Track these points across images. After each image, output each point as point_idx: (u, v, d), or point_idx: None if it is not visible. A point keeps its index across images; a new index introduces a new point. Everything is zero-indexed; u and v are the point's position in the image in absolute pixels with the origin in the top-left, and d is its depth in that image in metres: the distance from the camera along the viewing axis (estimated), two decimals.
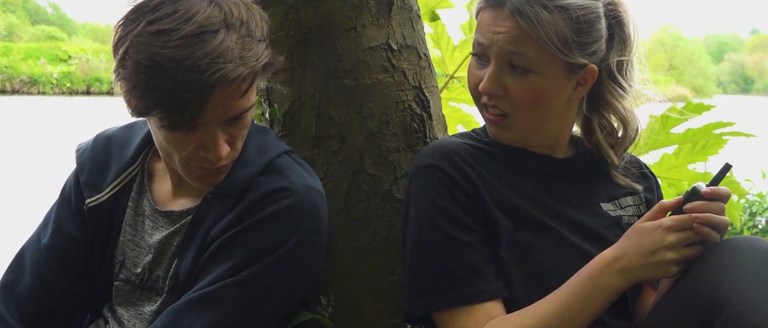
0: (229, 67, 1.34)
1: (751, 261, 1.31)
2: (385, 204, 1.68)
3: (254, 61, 1.38)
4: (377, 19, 1.70)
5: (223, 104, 1.39)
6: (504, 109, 1.54)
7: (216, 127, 1.43)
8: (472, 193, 1.51)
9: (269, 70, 1.46)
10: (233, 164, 1.53)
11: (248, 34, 1.40)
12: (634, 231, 1.43)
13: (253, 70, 1.38)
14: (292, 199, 1.49)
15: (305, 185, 1.53)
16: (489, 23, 1.51)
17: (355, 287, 1.68)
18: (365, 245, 1.68)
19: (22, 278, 1.66)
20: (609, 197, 1.65)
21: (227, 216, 1.50)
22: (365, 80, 1.68)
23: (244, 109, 1.44)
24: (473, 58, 1.58)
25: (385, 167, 1.69)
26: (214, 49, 1.33)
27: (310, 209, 1.51)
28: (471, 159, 1.55)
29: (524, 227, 1.52)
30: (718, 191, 1.40)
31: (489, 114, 1.57)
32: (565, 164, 1.65)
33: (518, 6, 1.47)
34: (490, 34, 1.50)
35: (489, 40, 1.50)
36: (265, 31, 1.46)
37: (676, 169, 2.28)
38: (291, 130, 1.72)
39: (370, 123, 1.68)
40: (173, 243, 1.57)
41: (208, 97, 1.35)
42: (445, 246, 1.49)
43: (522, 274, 1.50)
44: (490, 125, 1.59)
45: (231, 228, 1.49)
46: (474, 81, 1.56)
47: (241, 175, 1.53)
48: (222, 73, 1.33)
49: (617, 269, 1.41)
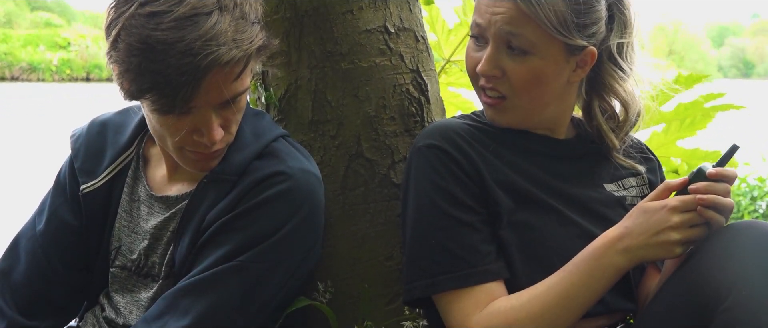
0: (222, 49, 1.32)
1: (755, 246, 1.29)
2: (383, 189, 1.67)
3: (248, 43, 1.37)
4: (374, 2, 1.68)
5: (216, 88, 1.37)
6: (502, 91, 1.53)
7: (210, 111, 1.41)
8: (472, 172, 1.50)
9: (264, 53, 1.44)
10: (229, 148, 1.52)
11: (242, 16, 1.38)
12: (638, 210, 1.41)
13: (246, 53, 1.36)
14: (288, 183, 1.47)
15: (302, 168, 1.51)
16: (487, 4, 1.49)
17: (353, 273, 1.67)
18: (363, 230, 1.66)
19: (17, 266, 1.65)
20: (612, 177, 1.63)
21: (223, 201, 1.49)
22: (362, 63, 1.67)
23: (238, 93, 1.42)
24: (471, 39, 1.56)
25: (383, 151, 1.67)
26: (206, 31, 1.31)
27: (307, 193, 1.50)
28: (471, 139, 1.53)
29: (525, 207, 1.51)
30: (723, 173, 1.38)
31: (486, 97, 1.55)
32: (567, 144, 1.64)
33: None
34: (489, 15, 1.48)
35: (487, 20, 1.49)
36: (260, 14, 1.44)
37: (665, 146, 2.26)
38: (287, 114, 1.70)
39: (367, 107, 1.67)
40: (169, 229, 1.56)
41: (201, 80, 1.33)
42: (445, 227, 1.47)
43: (523, 254, 1.49)
44: (488, 108, 1.58)
45: (227, 213, 1.48)
46: (472, 63, 1.55)
47: (236, 159, 1.51)
48: (215, 56, 1.31)
49: (621, 248, 1.39)
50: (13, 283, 1.64)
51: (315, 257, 1.58)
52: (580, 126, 1.70)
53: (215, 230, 1.48)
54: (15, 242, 1.69)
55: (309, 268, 1.57)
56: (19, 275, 1.64)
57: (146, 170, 1.64)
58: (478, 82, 1.55)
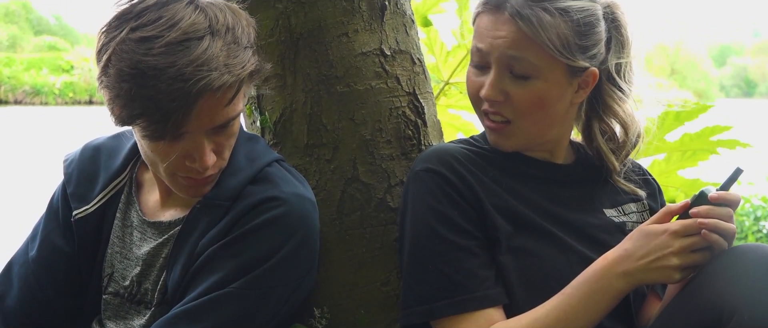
0: (213, 75, 1.31)
1: (759, 269, 1.28)
2: (379, 213, 1.64)
3: (240, 68, 1.35)
4: (370, 24, 1.67)
5: (208, 113, 1.36)
6: (506, 116, 1.52)
7: (202, 136, 1.40)
8: (470, 197, 1.48)
9: (256, 78, 1.44)
10: (222, 173, 1.50)
11: (234, 40, 1.36)
12: (639, 233, 1.39)
13: (238, 78, 1.35)
14: (282, 208, 1.45)
15: (296, 193, 1.49)
16: (488, 28, 1.48)
17: (349, 299, 1.64)
18: (359, 255, 1.64)
19: (9, 291, 1.63)
20: (612, 202, 1.62)
21: (216, 226, 1.47)
22: (358, 87, 1.65)
23: (231, 118, 1.41)
24: (471, 66, 1.55)
25: (379, 175, 1.65)
26: (198, 56, 1.30)
27: (301, 218, 1.48)
28: (469, 164, 1.52)
29: (524, 232, 1.49)
30: (726, 196, 1.36)
31: (490, 122, 1.54)
32: (566, 169, 1.63)
33: (518, 9, 1.44)
34: (490, 40, 1.47)
35: (489, 45, 1.48)
36: (252, 38, 1.43)
37: (665, 175, 2.25)
38: (282, 138, 1.68)
39: (363, 130, 1.65)
40: (161, 255, 1.54)
41: (193, 105, 1.32)
42: (443, 252, 1.46)
43: (522, 279, 1.47)
44: (491, 133, 1.56)
45: (220, 239, 1.46)
46: (474, 88, 1.53)
47: (230, 184, 1.50)
48: (206, 81, 1.30)
49: (620, 271, 1.38)
50: (6, 309, 1.62)
51: (310, 283, 1.55)
52: (579, 150, 1.69)
53: (208, 257, 1.46)
54: (8, 267, 1.67)
55: (304, 293, 1.55)
56: (12, 300, 1.62)
57: (139, 196, 1.62)
58: (481, 107, 1.54)
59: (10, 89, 27.88)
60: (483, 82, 1.50)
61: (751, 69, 65.29)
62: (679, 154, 2.26)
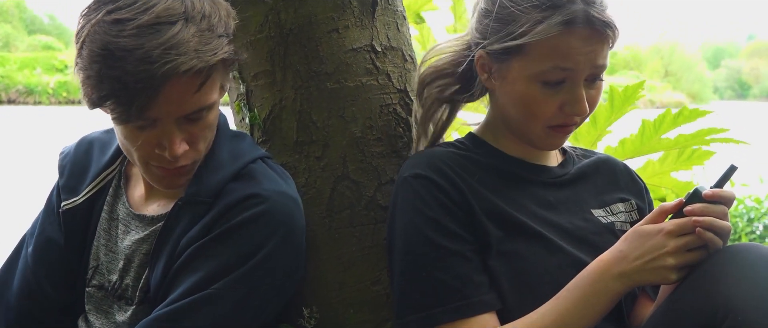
0: (181, 59, 1.29)
1: (753, 268, 1.26)
2: (369, 211, 1.62)
3: (210, 55, 1.34)
4: (360, 20, 1.65)
5: (176, 99, 1.34)
6: (579, 122, 1.52)
7: (171, 124, 1.38)
8: (461, 202, 1.46)
9: (230, 67, 1.43)
10: (205, 169, 1.49)
11: (209, 28, 1.35)
12: (633, 234, 1.37)
13: (207, 63, 1.33)
14: (263, 206, 1.43)
15: (278, 191, 1.47)
16: (580, 46, 1.43)
17: (339, 298, 1.62)
18: (349, 254, 1.62)
19: (10, 285, 1.63)
20: (599, 203, 1.60)
21: (198, 224, 1.45)
22: (348, 83, 1.63)
23: (202, 107, 1.39)
24: (539, 86, 1.47)
25: (369, 172, 1.63)
26: (167, 40, 1.29)
27: (284, 216, 1.46)
28: (458, 167, 1.50)
29: (514, 236, 1.47)
30: (720, 194, 1.34)
31: (562, 132, 1.52)
32: (554, 171, 1.61)
33: (607, 21, 1.43)
34: (581, 57, 1.43)
35: (579, 62, 1.43)
36: (231, 29, 1.41)
37: (659, 176, 2.26)
38: (272, 135, 1.66)
39: (354, 127, 1.63)
40: (142, 250, 1.52)
41: (158, 89, 1.30)
42: (435, 258, 1.43)
43: (513, 283, 1.45)
44: (558, 139, 1.54)
45: (201, 237, 1.44)
46: (549, 107, 1.47)
47: (212, 181, 1.48)
48: (173, 64, 1.29)
49: (616, 273, 1.36)
50: (5, 303, 1.62)
51: (295, 282, 1.53)
52: (566, 151, 1.68)
53: (189, 255, 1.44)
54: (8, 263, 1.67)
55: (290, 293, 1.53)
56: (11, 295, 1.62)
57: (127, 188, 1.61)
58: (553, 122, 1.50)
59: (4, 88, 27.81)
60: (562, 100, 1.46)
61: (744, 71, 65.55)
62: (674, 156, 2.27)
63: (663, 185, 2.28)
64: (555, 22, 1.41)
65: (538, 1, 1.43)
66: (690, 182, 2.29)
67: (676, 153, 2.26)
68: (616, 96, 2.21)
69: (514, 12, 1.45)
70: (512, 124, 1.55)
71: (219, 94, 1.44)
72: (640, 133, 2.25)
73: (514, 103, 1.50)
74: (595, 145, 2.26)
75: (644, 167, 2.28)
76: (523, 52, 1.45)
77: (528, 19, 1.43)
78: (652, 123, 2.24)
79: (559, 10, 1.42)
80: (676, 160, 2.27)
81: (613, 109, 2.22)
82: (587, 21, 1.41)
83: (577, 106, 1.46)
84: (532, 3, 1.44)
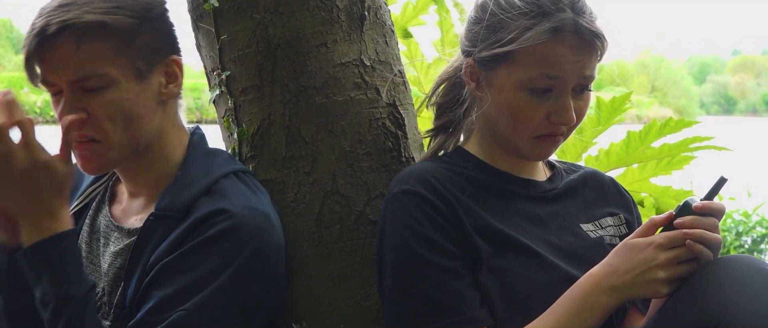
0: (51, 17, 1.40)
1: (745, 279, 1.26)
2: (359, 226, 1.62)
3: (85, 12, 1.42)
4: (349, 35, 1.65)
5: (58, 61, 1.43)
6: (566, 132, 1.52)
7: (68, 91, 1.45)
8: (451, 217, 1.45)
9: (102, 34, 1.43)
10: (175, 185, 1.50)
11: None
12: (624, 248, 1.38)
13: (79, 19, 1.40)
14: (230, 221, 1.43)
15: (247, 206, 1.47)
16: (569, 54, 1.44)
17: (329, 314, 1.61)
18: (339, 269, 1.61)
19: None
20: (588, 217, 1.60)
21: (168, 238, 1.45)
22: (337, 98, 1.63)
23: (86, 73, 1.43)
24: (526, 93, 1.47)
25: (359, 187, 1.62)
26: (59, 4, 1.42)
27: (252, 231, 1.44)
28: (448, 183, 1.49)
29: (504, 252, 1.46)
30: (710, 206, 1.34)
31: (552, 141, 1.52)
32: (542, 185, 1.61)
33: (595, 31, 1.44)
34: (569, 65, 1.44)
35: (567, 71, 1.44)
36: (138, 9, 1.47)
37: (638, 182, 2.27)
38: (260, 150, 1.65)
39: (343, 142, 1.62)
40: (116, 264, 1.52)
41: (40, 51, 1.42)
42: (426, 274, 1.42)
43: (504, 299, 1.44)
44: (546, 148, 1.53)
45: (171, 252, 1.44)
46: (536, 115, 1.47)
47: (183, 196, 1.48)
48: (42, 24, 1.40)
49: (607, 287, 1.36)
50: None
51: (275, 299, 1.52)
52: (553, 166, 1.68)
53: (159, 271, 1.43)
54: None
55: (268, 311, 1.52)
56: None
57: (111, 203, 1.62)
58: (541, 131, 1.50)
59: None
60: (549, 108, 1.46)
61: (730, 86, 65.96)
62: (654, 163, 2.27)
63: (642, 191, 2.28)
64: (543, 30, 1.42)
65: (528, 9, 1.44)
66: (669, 187, 2.30)
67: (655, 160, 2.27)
68: (603, 108, 2.22)
69: (504, 19, 1.46)
70: (500, 135, 1.55)
71: (120, 71, 1.45)
72: (625, 143, 2.26)
73: (501, 111, 1.50)
74: (581, 158, 2.26)
75: (624, 174, 2.28)
76: (511, 59, 1.46)
77: (517, 26, 1.44)
78: (637, 134, 2.25)
79: (548, 17, 1.42)
80: (656, 166, 2.28)
81: (600, 121, 2.23)
82: (576, 30, 1.42)
83: (564, 115, 1.46)
84: (522, 10, 1.44)
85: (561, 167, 1.70)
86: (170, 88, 1.53)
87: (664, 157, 2.25)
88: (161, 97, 1.52)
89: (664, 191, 2.28)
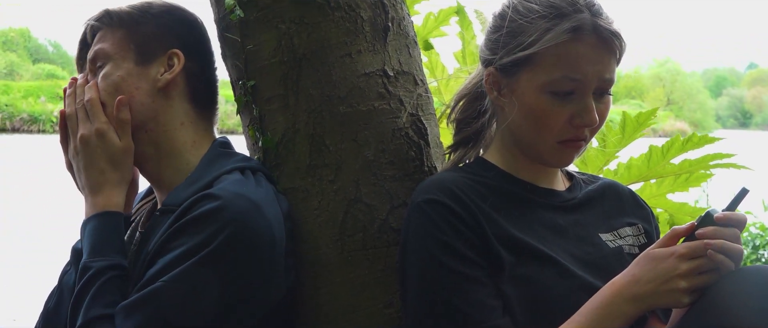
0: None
1: (765, 290, 1.27)
2: (382, 234, 1.63)
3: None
4: (373, 45, 1.67)
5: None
6: (588, 137, 1.54)
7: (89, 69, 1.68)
8: (474, 226, 1.46)
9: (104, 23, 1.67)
10: (184, 182, 1.60)
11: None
12: (645, 258, 1.38)
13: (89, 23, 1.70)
14: (214, 204, 1.46)
15: (236, 192, 1.50)
16: (589, 58, 1.46)
17: (352, 321, 1.63)
18: (361, 276, 1.62)
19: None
20: (607, 227, 1.61)
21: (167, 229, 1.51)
22: (361, 107, 1.65)
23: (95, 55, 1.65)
24: (548, 97, 1.49)
25: (382, 196, 1.64)
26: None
27: (233, 215, 1.46)
28: (470, 192, 1.50)
29: (526, 261, 1.47)
30: (732, 217, 1.35)
31: (574, 145, 1.53)
32: (562, 195, 1.62)
33: (614, 31, 1.47)
34: (589, 68, 1.46)
35: (587, 74, 1.46)
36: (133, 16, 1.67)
37: (655, 198, 2.27)
38: (284, 158, 1.67)
39: (366, 151, 1.64)
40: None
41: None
42: (449, 283, 1.43)
43: (526, 308, 1.45)
44: (569, 154, 1.55)
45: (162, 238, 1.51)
46: (559, 118, 1.49)
47: (185, 192, 1.55)
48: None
49: (629, 296, 1.36)
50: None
51: (263, 297, 1.52)
52: (572, 176, 1.69)
53: (153, 255, 1.50)
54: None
55: (257, 309, 1.52)
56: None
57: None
58: (564, 135, 1.51)
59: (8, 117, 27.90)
60: (572, 111, 1.48)
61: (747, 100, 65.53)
62: (671, 179, 2.27)
63: (658, 206, 2.29)
64: (563, 30, 1.45)
65: (546, 12, 1.47)
66: (685, 204, 2.30)
67: (673, 176, 2.27)
68: (628, 122, 2.22)
69: (523, 24, 1.48)
70: (523, 141, 1.56)
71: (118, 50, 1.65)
72: (646, 157, 2.26)
73: (524, 116, 1.52)
74: (603, 170, 2.27)
75: (641, 189, 2.28)
76: (533, 62, 1.48)
77: (536, 29, 1.46)
78: (659, 148, 2.25)
79: (567, 18, 1.45)
80: (674, 183, 2.28)
81: (625, 135, 2.23)
82: (594, 29, 1.45)
83: (586, 116, 1.48)
84: (540, 14, 1.47)
85: (580, 177, 1.71)
86: (164, 75, 1.64)
87: (683, 173, 2.25)
88: (157, 84, 1.63)
89: (680, 208, 2.28)
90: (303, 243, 1.64)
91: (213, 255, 1.44)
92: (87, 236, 1.56)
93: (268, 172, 1.67)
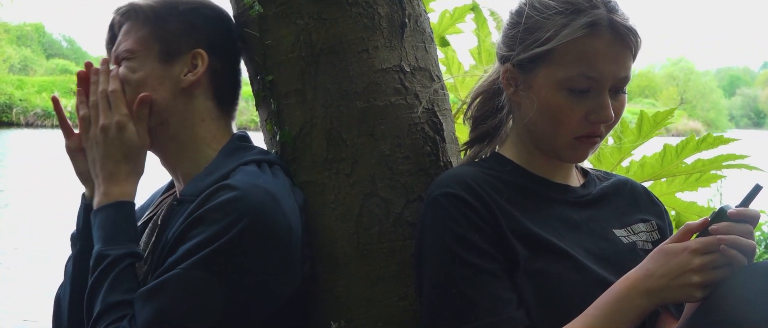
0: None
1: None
2: (397, 228, 1.65)
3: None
4: (390, 41, 1.69)
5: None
6: (603, 133, 1.55)
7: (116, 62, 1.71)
8: (490, 220, 1.48)
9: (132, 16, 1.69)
10: (201, 174, 1.62)
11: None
12: (659, 253, 1.39)
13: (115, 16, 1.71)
14: (231, 194, 1.49)
15: (252, 183, 1.52)
16: (606, 56, 1.48)
17: (367, 313, 1.65)
18: (377, 270, 1.64)
19: None
20: (621, 223, 1.62)
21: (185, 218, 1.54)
22: (377, 102, 1.66)
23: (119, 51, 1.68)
24: (565, 93, 1.50)
25: (398, 190, 1.66)
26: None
27: (250, 205, 1.48)
28: (487, 186, 1.52)
29: (541, 255, 1.49)
30: (745, 213, 1.36)
31: (590, 142, 1.54)
32: (578, 191, 1.64)
33: (630, 27, 1.48)
34: (606, 66, 1.47)
35: (604, 71, 1.47)
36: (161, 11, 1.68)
37: (665, 197, 2.27)
38: (302, 152, 1.69)
39: (383, 146, 1.66)
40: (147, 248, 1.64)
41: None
42: (465, 275, 1.45)
43: (540, 302, 1.46)
44: (585, 150, 1.56)
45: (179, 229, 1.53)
46: (575, 114, 1.50)
47: (203, 182, 1.57)
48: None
49: (643, 290, 1.38)
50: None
51: (278, 289, 1.55)
52: (587, 172, 1.71)
53: (171, 246, 1.52)
54: None
55: (272, 300, 1.55)
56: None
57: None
58: (580, 132, 1.53)
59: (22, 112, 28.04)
60: (588, 107, 1.50)
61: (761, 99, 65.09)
62: (682, 178, 2.28)
63: (667, 205, 2.30)
64: (580, 25, 1.46)
65: (563, 8, 1.48)
66: (693, 203, 2.31)
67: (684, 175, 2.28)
68: (645, 121, 2.23)
69: (540, 20, 1.50)
70: (538, 137, 1.58)
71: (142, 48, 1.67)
72: (660, 156, 2.27)
73: (540, 112, 1.53)
74: (616, 168, 2.27)
75: (652, 187, 2.29)
76: (550, 58, 1.49)
77: (553, 24, 1.48)
78: (674, 148, 2.25)
79: (584, 13, 1.47)
80: (684, 182, 2.28)
81: (641, 134, 2.24)
82: (610, 25, 1.47)
83: (602, 112, 1.49)
84: (557, 10, 1.49)
85: (594, 173, 1.72)
86: (188, 76, 1.65)
87: (695, 173, 2.26)
88: (180, 84, 1.65)
89: (689, 207, 2.29)
90: (319, 236, 1.66)
91: (231, 244, 1.46)
92: (101, 224, 1.59)
93: (285, 165, 1.69)
